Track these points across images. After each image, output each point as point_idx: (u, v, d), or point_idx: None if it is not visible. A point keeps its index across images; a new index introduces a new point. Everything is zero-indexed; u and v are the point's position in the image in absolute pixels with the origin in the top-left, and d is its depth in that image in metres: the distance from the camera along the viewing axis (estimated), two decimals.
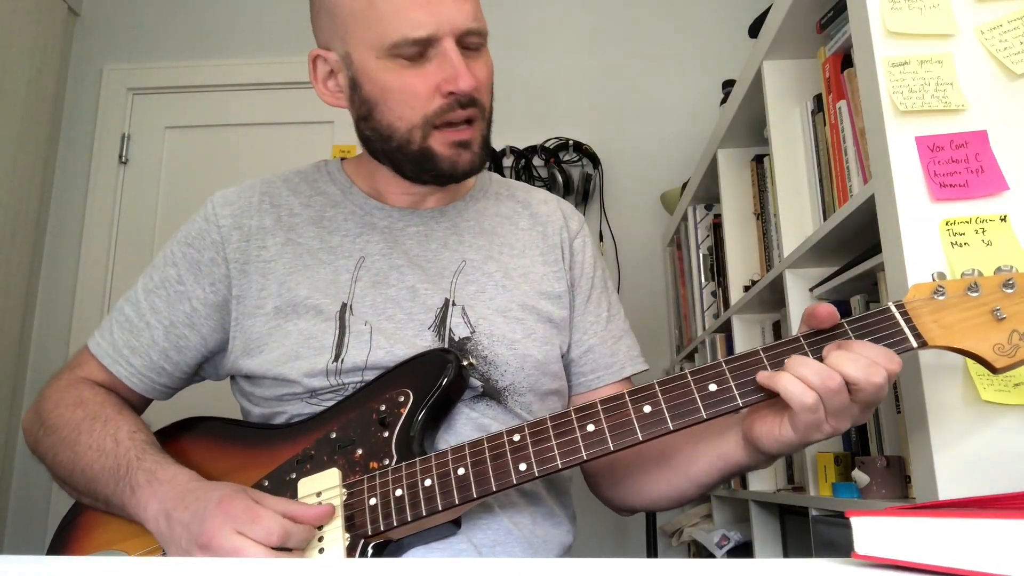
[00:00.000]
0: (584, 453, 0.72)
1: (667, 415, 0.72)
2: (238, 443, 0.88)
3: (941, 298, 0.72)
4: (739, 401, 0.71)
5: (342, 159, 1.03)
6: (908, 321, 0.72)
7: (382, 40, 0.84)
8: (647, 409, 0.72)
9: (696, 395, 0.72)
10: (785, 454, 0.77)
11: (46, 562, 0.52)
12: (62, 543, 0.88)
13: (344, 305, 0.88)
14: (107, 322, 0.96)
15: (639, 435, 0.72)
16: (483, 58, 0.90)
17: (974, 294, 0.72)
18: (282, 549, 0.70)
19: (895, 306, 0.73)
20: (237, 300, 0.91)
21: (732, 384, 0.71)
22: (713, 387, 0.72)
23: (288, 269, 0.91)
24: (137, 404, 0.96)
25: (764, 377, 0.70)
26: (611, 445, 0.72)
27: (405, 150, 0.89)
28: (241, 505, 0.71)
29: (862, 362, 0.67)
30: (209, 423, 0.92)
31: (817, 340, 0.73)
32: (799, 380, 0.68)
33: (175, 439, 0.92)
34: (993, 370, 0.70)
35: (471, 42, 0.87)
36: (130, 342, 0.93)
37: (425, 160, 0.88)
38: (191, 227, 0.96)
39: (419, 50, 0.84)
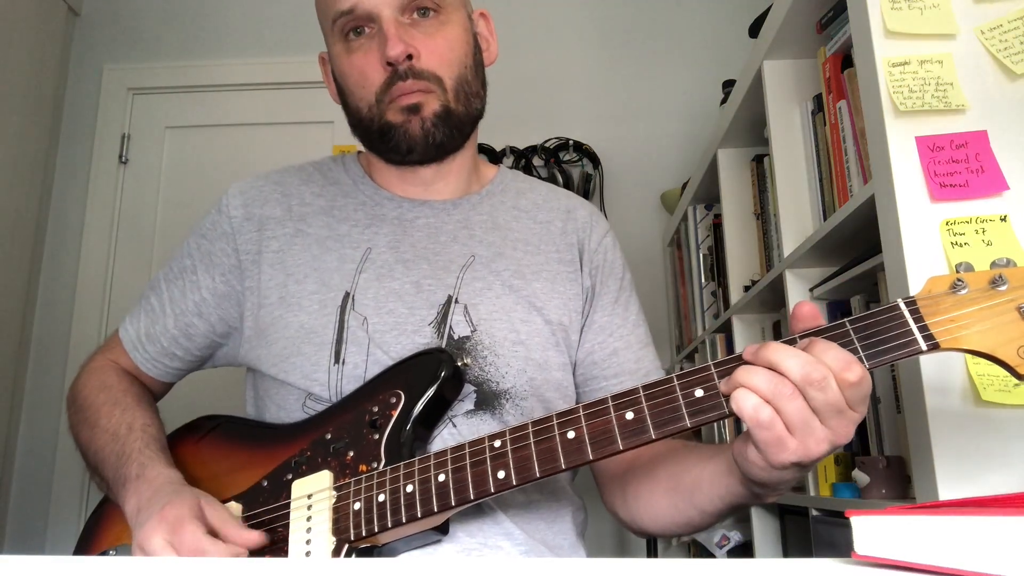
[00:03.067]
0: (563, 462, 0.69)
1: (649, 423, 0.67)
2: (246, 442, 0.89)
3: (962, 293, 0.63)
4: (726, 408, 0.64)
5: (359, 152, 1.03)
6: (919, 320, 0.63)
7: (330, 23, 0.90)
8: (629, 416, 0.68)
9: (681, 401, 0.66)
10: (770, 483, 0.68)
11: (46, 562, 0.52)
12: (91, 531, 0.91)
13: (347, 294, 0.88)
14: (136, 309, 1.00)
15: (619, 444, 0.67)
16: (441, 29, 0.89)
17: (1001, 288, 0.62)
18: None
19: (904, 303, 0.64)
20: (250, 291, 0.92)
21: (720, 390, 0.65)
22: (699, 392, 0.66)
23: (296, 261, 0.91)
24: (157, 390, 1.01)
25: (724, 387, 0.64)
26: (590, 454, 0.68)
27: (371, 130, 0.91)
28: (175, 514, 0.73)
29: (802, 359, 0.61)
30: (224, 421, 0.94)
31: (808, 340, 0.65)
32: (750, 391, 0.62)
33: (192, 437, 0.94)
34: (1018, 376, 0.61)
35: (419, 8, 0.88)
36: (148, 330, 0.97)
37: (384, 134, 0.90)
38: (207, 218, 0.98)
39: (359, 27, 0.89)
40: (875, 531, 0.46)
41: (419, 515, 0.72)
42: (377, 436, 0.79)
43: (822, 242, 1.24)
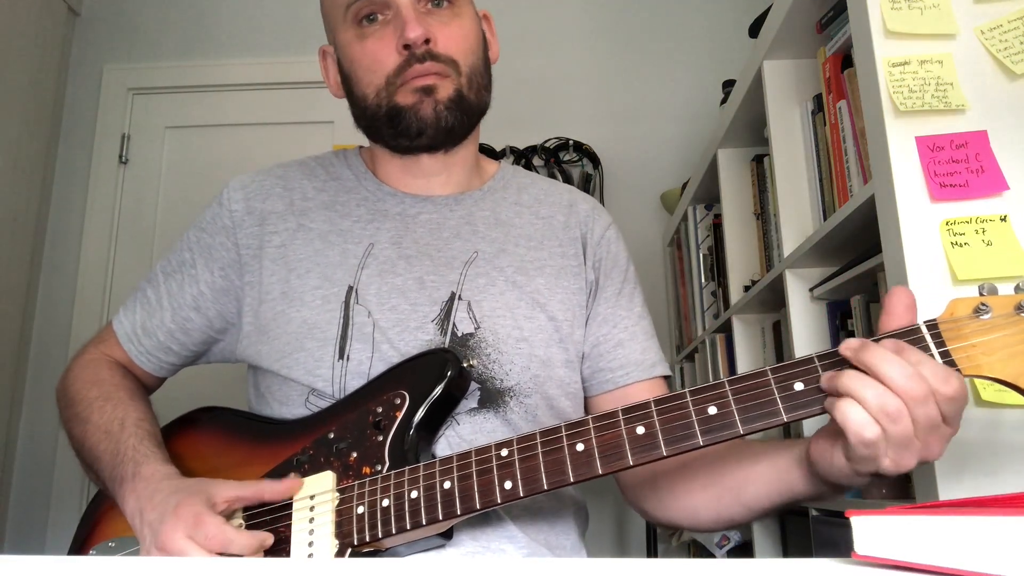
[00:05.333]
0: (571, 475, 0.68)
1: (660, 439, 0.66)
2: (246, 437, 0.89)
3: (985, 317, 0.61)
4: (740, 428, 0.64)
5: (360, 147, 1.02)
6: (940, 344, 0.62)
7: (341, 11, 0.89)
8: (640, 431, 0.67)
9: (694, 418, 0.66)
10: (845, 485, 0.67)
11: (46, 562, 0.52)
12: (88, 525, 0.91)
13: (350, 288, 0.87)
14: (131, 302, 0.98)
15: (629, 459, 0.67)
16: (455, 16, 0.90)
17: None
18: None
19: (926, 326, 0.62)
20: (250, 286, 0.92)
21: (734, 408, 0.65)
22: (713, 410, 0.65)
23: (298, 255, 0.91)
24: (150, 384, 1.00)
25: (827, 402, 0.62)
26: (599, 468, 0.68)
27: (378, 115, 0.90)
28: (191, 511, 0.72)
29: (908, 371, 0.58)
30: (222, 414, 0.93)
31: (831, 361, 0.64)
32: (857, 403, 0.59)
33: (188, 430, 0.93)
34: None
35: None
36: (144, 323, 0.96)
37: (394, 117, 0.89)
38: (206, 212, 0.98)
39: (375, 12, 0.88)
40: (875, 531, 0.46)
41: (424, 522, 0.72)
42: (381, 438, 0.78)
43: (822, 242, 1.24)
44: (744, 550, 1.91)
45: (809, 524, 1.33)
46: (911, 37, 0.94)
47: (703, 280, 2.17)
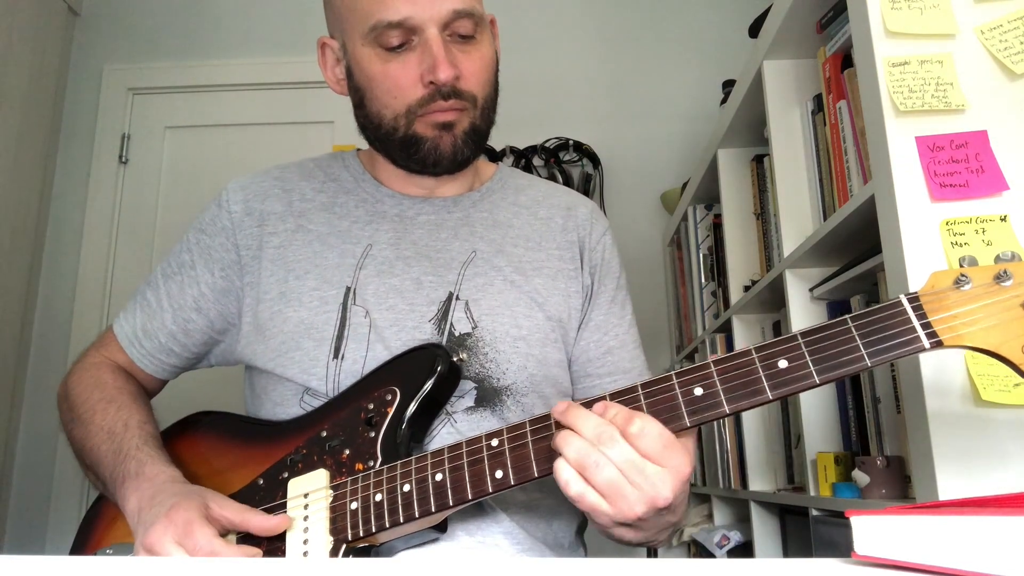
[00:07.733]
0: None
1: None
2: (241, 439, 0.89)
3: (965, 288, 0.60)
4: (726, 408, 0.64)
5: (357, 150, 1.03)
6: (922, 316, 0.61)
7: (364, 26, 0.86)
8: None
9: (680, 399, 0.66)
10: (610, 537, 0.70)
11: (46, 562, 0.52)
12: (87, 531, 0.91)
13: (348, 289, 0.88)
14: (132, 305, 0.99)
15: None
16: (477, 48, 0.88)
17: (1005, 283, 0.60)
18: None
19: (907, 299, 0.62)
20: (249, 287, 0.92)
21: (719, 388, 0.65)
22: (699, 391, 0.65)
23: (297, 256, 0.91)
24: (152, 387, 1.00)
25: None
26: None
27: (392, 137, 0.90)
28: (184, 516, 0.72)
29: (594, 420, 0.64)
30: (218, 418, 0.93)
31: (815, 338, 0.64)
32: (564, 462, 0.64)
33: (186, 433, 0.93)
34: (1022, 373, 0.60)
35: (460, 28, 0.86)
36: (145, 325, 0.96)
37: (410, 146, 0.89)
38: (206, 213, 0.98)
39: (401, 38, 0.85)
40: (875, 531, 0.46)
41: (417, 515, 0.72)
42: (373, 434, 0.79)
43: (822, 242, 1.24)
44: (744, 550, 1.91)
45: (809, 524, 1.33)
46: (911, 37, 0.94)
47: (703, 280, 2.17)
